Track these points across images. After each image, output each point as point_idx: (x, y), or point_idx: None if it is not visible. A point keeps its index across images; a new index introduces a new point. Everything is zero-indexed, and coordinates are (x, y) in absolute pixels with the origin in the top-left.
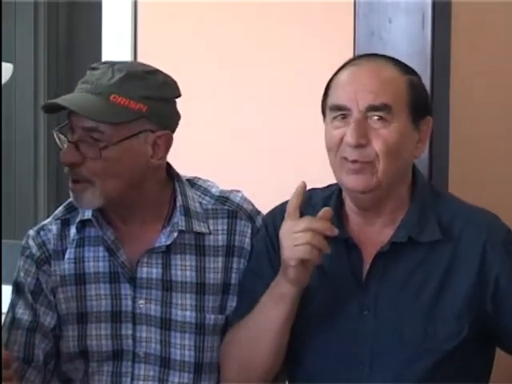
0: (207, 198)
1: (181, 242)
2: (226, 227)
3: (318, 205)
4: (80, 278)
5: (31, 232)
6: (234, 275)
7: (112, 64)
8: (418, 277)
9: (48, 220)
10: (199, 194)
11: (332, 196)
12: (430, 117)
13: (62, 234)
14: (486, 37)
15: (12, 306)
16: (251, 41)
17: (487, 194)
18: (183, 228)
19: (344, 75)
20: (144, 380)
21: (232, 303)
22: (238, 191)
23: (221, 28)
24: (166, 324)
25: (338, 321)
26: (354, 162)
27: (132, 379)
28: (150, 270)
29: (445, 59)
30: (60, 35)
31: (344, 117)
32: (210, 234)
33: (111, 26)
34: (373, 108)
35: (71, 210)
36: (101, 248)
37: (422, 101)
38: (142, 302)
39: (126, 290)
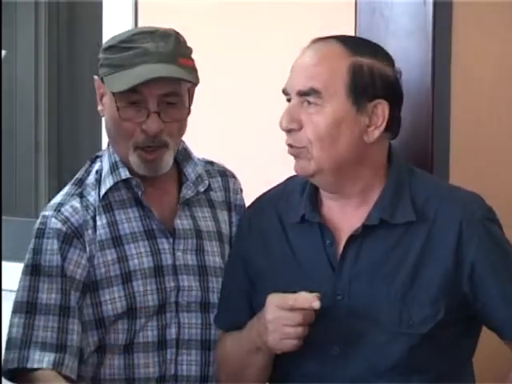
0: (199, 161)
1: (196, 196)
2: (220, 184)
3: (295, 191)
4: (117, 241)
5: (47, 213)
6: (233, 229)
7: (150, 32)
8: (392, 260)
9: (60, 198)
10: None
11: (308, 181)
12: (383, 101)
13: (84, 205)
14: (487, 14)
15: (30, 289)
16: (251, 39)
17: (488, 176)
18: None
19: (296, 59)
20: (189, 328)
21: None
22: None
23: (220, 28)
24: (203, 271)
25: None
26: (290, 146)
27: (179, 328)
28: (184, 222)
29: (446, 36)
30: (61, 35)
31: (289, 101)
32: (212, 190)
33: (112, 26)
34: (303, 93)
35: (79, 184)
36: (130, 210)
37: (366, 84)
38: (179, 253)
39: (163, 244)
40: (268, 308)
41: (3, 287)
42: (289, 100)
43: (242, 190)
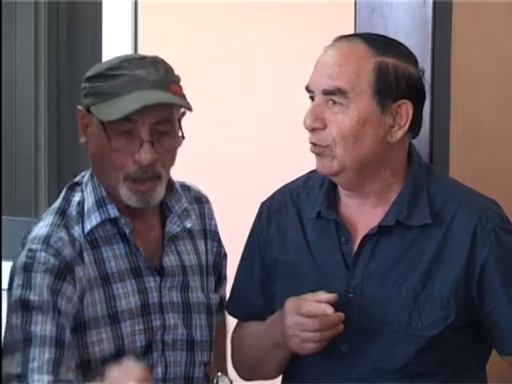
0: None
1: (181, 232)
2: (197, 212)
3: (315, 187)
4: (105, 279)
5: (35, 246)
6: (209, 257)
7: (139, 59)
8: (406, 261)
9: (46, 229)
10: None
11: (326, 178)
12: (407, 101)
13: (71, 239)
14: (487, 12)
15: (23, 325)
16: (250, 39)
17: (487, 175)
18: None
19: (320, 57)
20: (174, 367)
21: (211, 284)
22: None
23: (220, 27)
24: (187, 308)
25: None
26: (313, 144)
27: (165, 368)
28: (171, 258)
29: (446, 34)
30: (60, 35)
31: (313, 99)
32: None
33: (111, 26)
34: (328, 92)
35: (63, 215)
36: (116, 246)
37: (391, 84)
38: (165, 291)
39: (149, 282)
40: (286, 313)
41: (3, 287)
42: (312, 98)
43: (213, 212)
